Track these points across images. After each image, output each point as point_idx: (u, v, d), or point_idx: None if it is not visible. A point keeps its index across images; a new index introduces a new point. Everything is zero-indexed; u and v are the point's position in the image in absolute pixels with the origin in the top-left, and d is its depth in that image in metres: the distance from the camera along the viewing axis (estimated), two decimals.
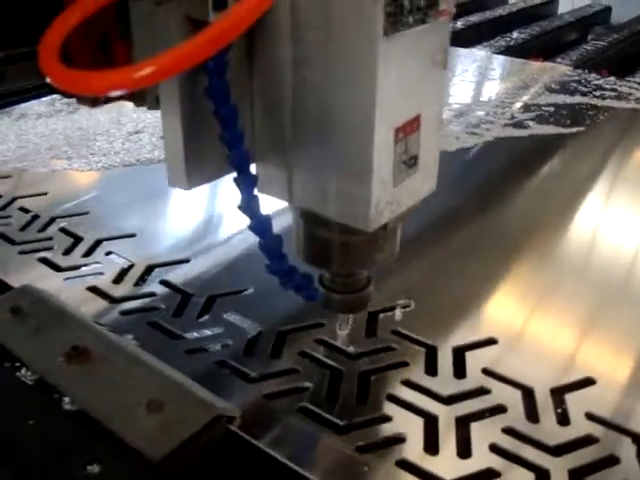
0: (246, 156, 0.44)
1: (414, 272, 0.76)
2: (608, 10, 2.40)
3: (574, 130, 1.17)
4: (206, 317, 0.66)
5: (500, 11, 2.18)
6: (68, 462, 0.48)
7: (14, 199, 0.90)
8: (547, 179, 1.03)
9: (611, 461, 0.52)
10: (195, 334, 0.64)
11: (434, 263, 0.78)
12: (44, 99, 1.23)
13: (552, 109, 1.26)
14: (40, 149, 1.05)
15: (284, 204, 0.47)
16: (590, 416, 0.56)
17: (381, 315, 0.66)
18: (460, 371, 0.60)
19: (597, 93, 1.36)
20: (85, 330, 0.59)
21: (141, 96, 0.49)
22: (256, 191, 0.45)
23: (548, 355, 0.63)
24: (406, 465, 0.51)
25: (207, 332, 0.64)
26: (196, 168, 0.45)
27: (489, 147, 1.10)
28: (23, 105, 1.21)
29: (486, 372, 0.60)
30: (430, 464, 0.50)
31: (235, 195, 0.46)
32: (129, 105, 0.51)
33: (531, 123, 1.19)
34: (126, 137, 1.11)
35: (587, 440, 0.53)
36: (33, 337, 0.59)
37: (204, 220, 0.88)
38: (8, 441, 0.51)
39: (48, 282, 0.71)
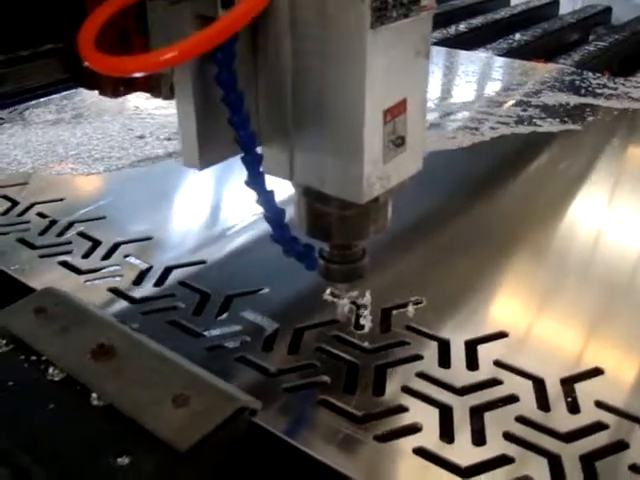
0: (252, 137, 0.49)
1: (425, 269, 0.78)
2: (609, 10, 2.42)
3: (574, 127, 1.19)
4: (224, 315, 0.68)
5: (502, 13, 2.20)
6: (99, 455, 0.50)
7: (32, 205, 0.92)
8: (548, 176, 1.05)
9: (620, 446, 0.54)
10: (214, 332, 0.66)
11: (443, 260, 0.80)
12: (53, 107, 1.26)
13: (553, 108, 1.28)
14: (48, 155, 1.08)
15: None
16: (599, 404, 0.58)
17: (394, 312, 0.68)
18: (472, 363, 0.62)
19: (598, 91, 1.38)
20: (109, 329, 0.62)
21: (157, 87, 0.54)
22: (261, 169, 0.50)
23: (557, 347, 0.65)
24: (423, 453, 0.53)
25: (226, 330, 0.66)
26: (207, 150, 0.50)
27: (490, 144, 1.12)
28: (29, 113, 1.24)
29: (498, 364, 0.62)
30: (446, 452, 0.52)
31: (245, 192, 0.49)
32: (135, 112, 0.54)
33: (533, 121, 1.21)
34: (131, 141, 1.13)
35: (597, 427, 0.55)
36: (59, 336, 0.61)
37: (217, 220, 0.90)
38: (40, 438, 0.53)
39: (69, 284, 0.73)
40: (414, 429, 0.55)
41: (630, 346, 0.66)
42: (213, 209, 0.93)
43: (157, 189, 0.98)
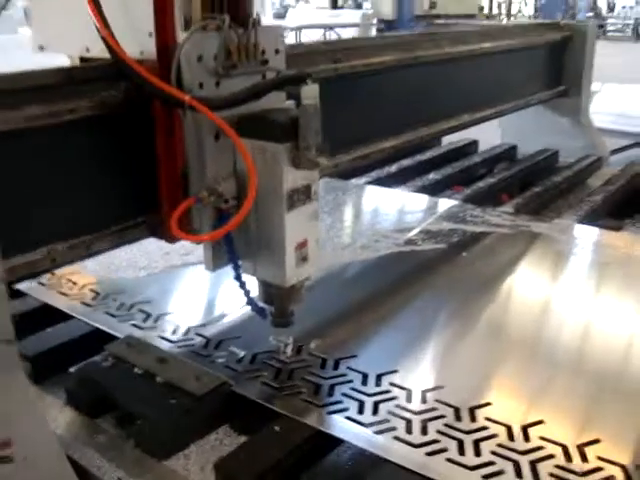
0: (236, 258, 1.19)
1: (330, 324, 1.46)
2: (514, 148, 3.16)
3: (441, 246, 1.89)
4: (219, 348, 1.36)
5: (428, 154, 2.94)
6: (164, 399, 1.17)
7: (107, 295, 1.60)
8: (420, 279, 1.74)
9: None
10: (214, 354, 1.33)
11: (342, 323, 1.48)
12: None
13: (433, 232, 1.98)
14: (109, 264, 1.77)
15: None
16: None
17: (304, 345, 1.36)
18: (336, 368, 1.29)
19: (469, 219, 2.08)
20: (164, 352, 1.30)
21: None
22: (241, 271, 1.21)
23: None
24: (307, 401, 1.19)
25: (219, 355, 1.33)
26: (215, 260, 1.21)
27: (385, 258, 1.82)
28: None
29: (349, 368, 1.29)
30: (315, 400, 1.19)
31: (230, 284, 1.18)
32: None
33: (417, 242, 1.91)
34: (161, 256, 1.83)
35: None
36: (140, 355, 1.29)
37: (217, 303, 1.58)
38: (133, 399, 1.19)
39: (137, 334, 1.40)
40: (301, 392, 1.22)
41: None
42: (213, 297, 1.62)
43: (174, 285, 1.68)
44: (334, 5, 18.99)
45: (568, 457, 1.06)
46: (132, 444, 1.16)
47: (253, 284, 1.27)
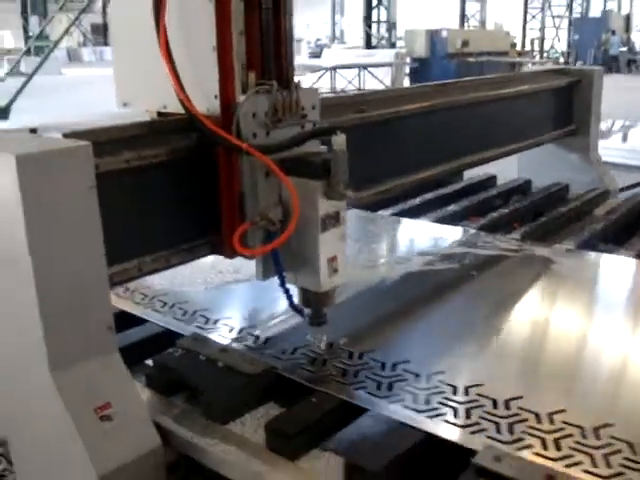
0: (282, 269, 1.54)
1: (352, 328, 1.78)
2: (529, 182, 3.47)
3: (454, 266, 2.20)
4: (267, 343, 1.69)
5: (451, 187, 3.26)
6: (226, 379, 1.51)
7: (174, 304, 1.95)
8: (439, 290, 2.06)
9: None
10: (263, 348, 1.66)
11: (365, 326, 1.81)
12: None
13: (448, 255, 2.30)
14: (173, 280, 2.12)
15: None
16: None
17: (334, 342, 1.69)
18: (360, 358, 1.61)
19: (479, 244, 2.40)
20: (227, 347, 1.63)
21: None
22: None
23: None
24: (337, 381, 1.51)
25: (267, 348, 1.66)
26: (265, 271, 1.56)
27: (407, 275, 2.14)
28: None
29: (370, 358, 1.61)
30: (343, 380, 1.52)
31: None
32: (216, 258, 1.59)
33: (434, 263, 2.23)
34: (215, 274, 2.17)
35: None
36: (205, 346, 1.62)
37: (265, 309, 1.92)
38: (200, 380, 1.53)
39: (202, 334, 1.74)
40: (334, 377, 1.54)
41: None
42: (260, 306, 1.96)
43: (227, 296, 2.02)
44: (368, 44, 19.56)
45: (539, 420, 1.37)
46: (200, 413, 1.49)
47: (294, 291, 1.61)
